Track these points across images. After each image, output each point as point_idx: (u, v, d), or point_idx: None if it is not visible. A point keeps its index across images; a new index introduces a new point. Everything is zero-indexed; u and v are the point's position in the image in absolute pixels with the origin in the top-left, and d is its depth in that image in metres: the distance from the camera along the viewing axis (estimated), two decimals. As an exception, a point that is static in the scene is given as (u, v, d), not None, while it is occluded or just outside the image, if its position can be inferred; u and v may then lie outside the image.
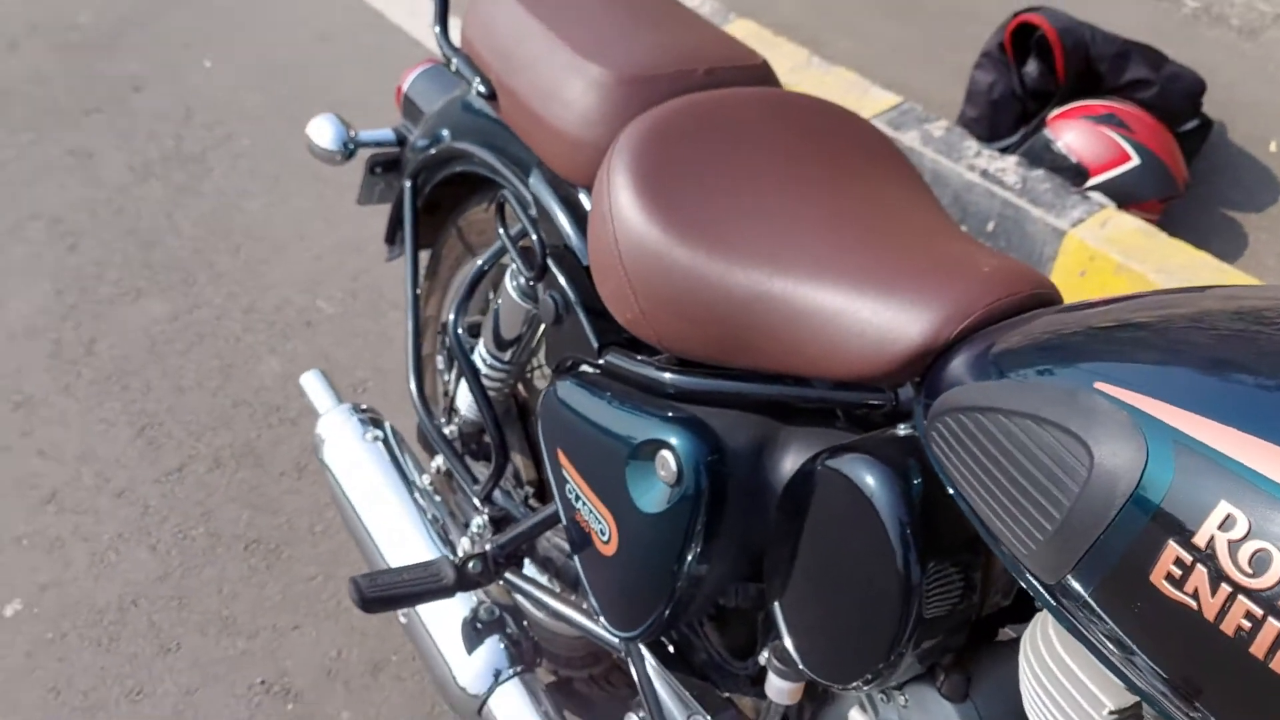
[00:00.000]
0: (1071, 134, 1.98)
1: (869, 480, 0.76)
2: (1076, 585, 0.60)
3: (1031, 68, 2.10)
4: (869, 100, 2.10)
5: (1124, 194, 1.94)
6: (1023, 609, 0.86)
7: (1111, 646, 0.59)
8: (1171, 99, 2.06)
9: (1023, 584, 0.66)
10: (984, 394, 0.68)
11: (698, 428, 0.87)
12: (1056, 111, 2.05)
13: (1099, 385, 0.61)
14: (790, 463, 0.88)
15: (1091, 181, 1.97)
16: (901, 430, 0.83)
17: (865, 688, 0.82)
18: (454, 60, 1.11)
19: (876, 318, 0.78)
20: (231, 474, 1.82)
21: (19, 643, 1.57)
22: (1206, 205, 2.15)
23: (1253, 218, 2.13)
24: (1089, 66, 2.07)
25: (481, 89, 1.07)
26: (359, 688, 1.50)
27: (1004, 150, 2.06)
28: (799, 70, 2.19)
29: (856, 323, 0.78)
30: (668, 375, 0.92)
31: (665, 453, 0.87)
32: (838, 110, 1.00)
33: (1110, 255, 1.78)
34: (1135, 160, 1.95)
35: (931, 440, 0.73)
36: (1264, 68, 2.56)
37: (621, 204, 0.87)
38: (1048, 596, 0.63)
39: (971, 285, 0.77)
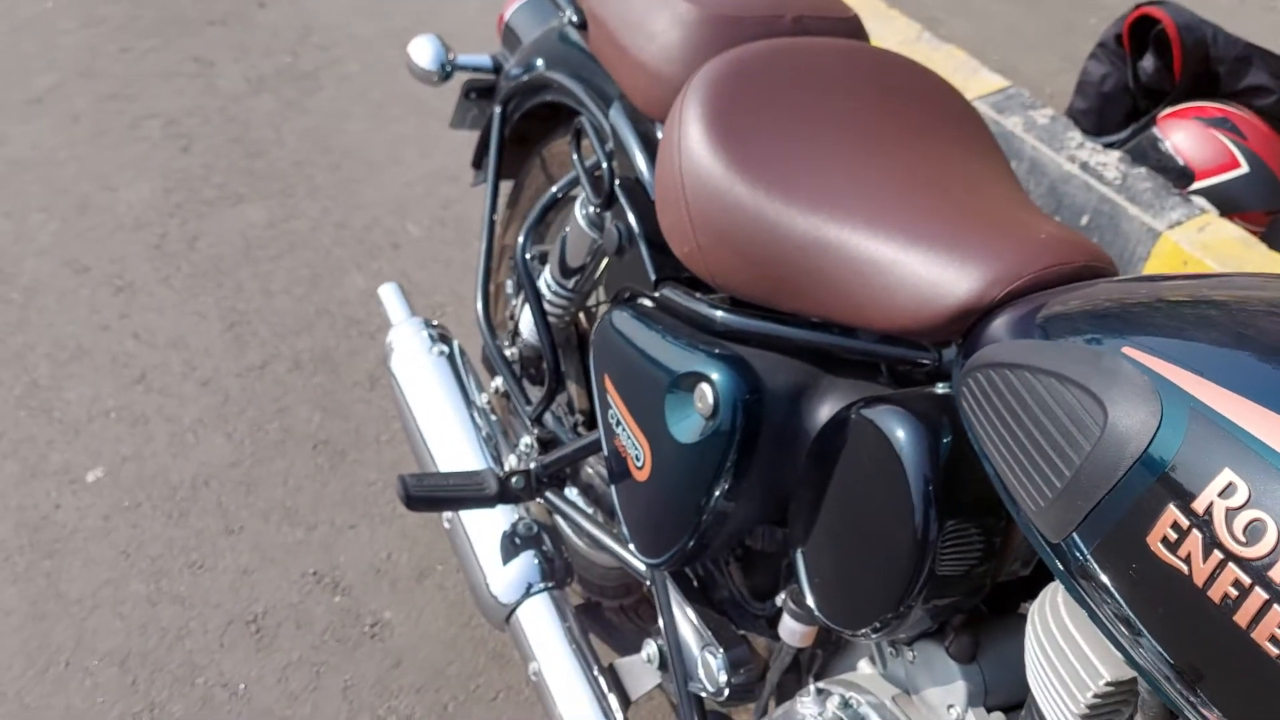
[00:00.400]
0: (1181, 134, 1.92)
1: (899, 432, 0.77)
2: (1079, 544, 0.61)
3: (1147, 63, 2.03)
4: (976, 81, 2.06)
5: (1229, 201, 1.87)
6: (1041, 585, 0.87)
7: (1109, 612, 0.59)
8: (1292, 108, 1.98)
9: (1032, 544, 0.67)
10: (1016, 351, 0.69)
11: (739, 365, 0.89)
12: (1168, 110, 1.99)
13: (1126, 350, 0.62)
14: (827, 411, 0.89)
15: (1196, 185, 1.91)
16: (940, 389, 0.84)
17: (874, 636, 0.84)
18: (552, -12, 1.14)
19: (927, 272, 0.79)
20: (309, 377, 1.91)
21: (98, 506, 1.68)
22: (1317, 223, 2.06)
23: (1365, 241, 2.04)
24: (1207, 68, 1.99)
25: (574, 18, 1.09)
26: (404, 590, 1.57)
27: (1110, 145, 2.01)
28: (908, 45, 2.15)
29: (906, 275, 0.79)
30: (718, 313, 0.94)
31: (704, 386, 0.89)
32: (920, 70, 1.00)
33: (1204, 262, 1.73)
34: (1244, 168, 1.88)
35: (962, 395, 0.74)
36: (1404, 88, 2.43)
37: (690, 137, 0.89)
38: (1052, 555, 0.64)
39: (1024, 249, 0.78)
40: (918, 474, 0.76)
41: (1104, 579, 0.59)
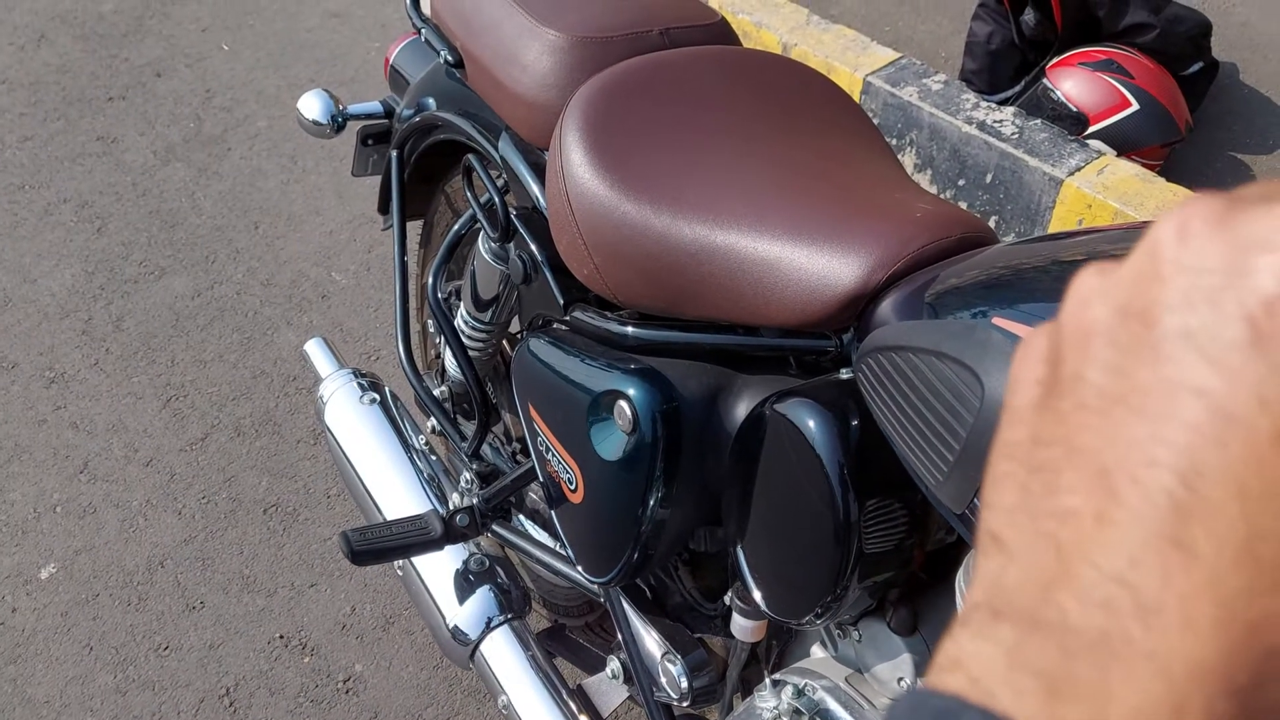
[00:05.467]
0: (1070, 82, 1.97)
1: (809, 422, 0.79)
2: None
3: (1029, 16, 2.08)
4: (868, 57, 2.10)
5: (1125, 140, 1.93)
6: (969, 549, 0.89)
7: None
8: (1173, 42, 2.03)
9: (943, 515, 0.70)
10: (899, 333, 0.71)
11: (652, 378, 0.91)
12: (1055, 60, 2.03)
13: (996, 320, 0.64)
14: (743, 409, 0.91)
15: (1091, 129, 1.96)
16: (844, 374, 0.86)
17: (818, 622, 0.86)
18: (424, 31, 1.15)
19: (811, 265, 0.81)
20: (252, 441, 1.90)
21: (56, 603, 1.66)
22: (1213, 149, 2.12)
23: (1261, 159, 2.10)
24: (1088, 13, 2.04)
25: (449, 58, 1.10)
26: (372, 641, 1.57)
27: (1005, 102, 2.06)
28: (798, 30, 2.19)
29: (792, 271, 0.81)
30: (627, 329, 0.96)
31: (622, 402, 0.91)
32: (790, 64, 1.02)
33: (1108, 203, 1.77)
34: (1135, 106, 1.93)
35: (860, 380, 0.76)
36: (1279, 6, 2.51)
37: (572, 162, 0.91)
38: (961, 526, 0.66)
39: (901, 230, 0.80)
40: (831, 460, 0.78)
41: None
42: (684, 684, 1.00)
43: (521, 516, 1.33)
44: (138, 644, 1.60)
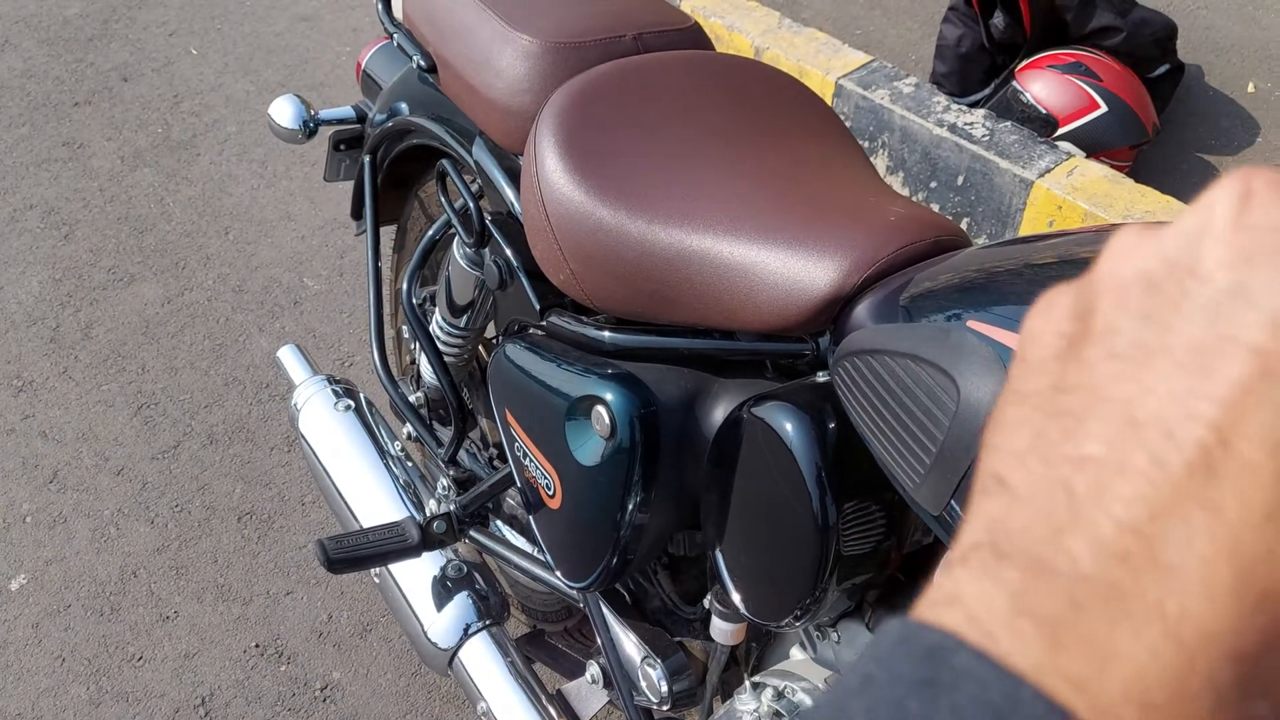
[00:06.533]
0: (1039, 84, 1.99)
1: (786, 426, 0.80)
2: (958, 514, 0.64)
3: (998, 19, 2.10)
4: (839, 60, 2.11)
5: (1093, 142, 1.95)
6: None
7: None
8: (1140, 44, 2.06)
9: (920, 516, 0.70)
10: (875, 337, 0.72)
11: (630, 383, 0.91)
12: (1024, 63, 2.06)
13: (971, 323, 0.65)
14: (720, 413, 0.91)
15: (1060, 131, 1.98)
16: (820, 377, 0.86)
17: (797, 624, 0.86)
18: (396, 35, 1.14)
19: (786, 269, 0.81)
20: (225, 449, 1.88)
21: (26, 615, 1.64)
22: (1180, 150, 2.15)
23: (1227, 160, 2.13)
24: (1055, 16, 2.07)
25: (422, 62, 1.10)
26: (349, 649, 1.56)
27: (975, 104, 2.07)
28: (770, 33, 2.20)
29: (767, 275, 0.82)
30: (604, 334, 0.96)
31: (599, 408, 0.91)
32: (763, 68, 1.03)
33: (1077, 204, 1.79)
34: (1103, 108, 1.95)
35: (837, 384, 0.76)
36: (1242, 9, 2.55)
37: (547, 168, 0.91)
38: (938, 527, 0.67)
39: (876, 234, 0.80)
40: (809, 463, 0.79)
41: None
42: (664, 688, 1.01)
43: (499, 522, 1.33)
44: (111, 655, 1.58)
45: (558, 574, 1.06)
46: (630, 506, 0.92)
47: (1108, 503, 0.21)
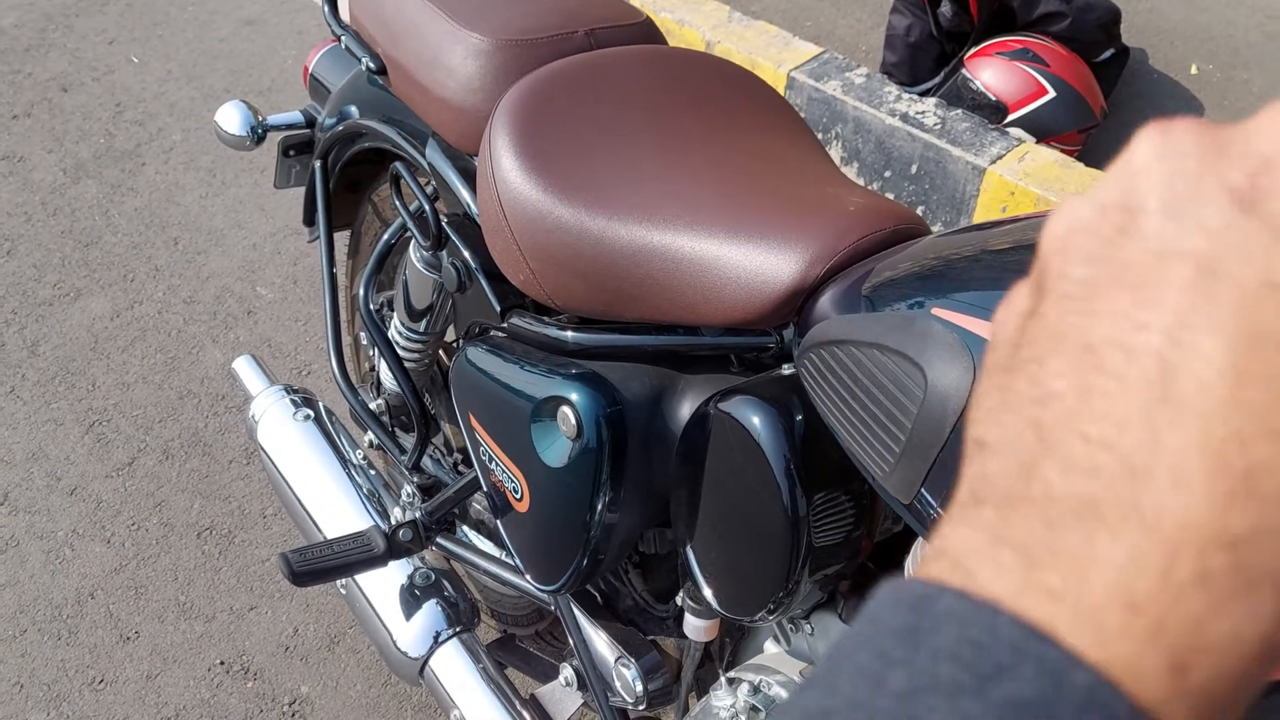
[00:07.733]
0: (988, 72, 2.01)
1: (753, 419, 0.79)
2: (929, 501, 0.64)
3: (945, 8, 2.12)
4: (790, 52, 2.11)
5: (1043, 127, 1.97)
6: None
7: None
8: (1085, 30, 2.09)
9: (890, 505, 0.70)
10: (840, 328, 0.72)
11: (595, 382, 0.90)
12: (973, 51, 2.07)
13: (935, 310, 0.65)
14: (687, 410, 0.91)
15: (1011, 117, 2.00)
16: (786, 370, 0.86)
17: (770, 618, 0.86)
18: (343, 37, 1.12)
19: (748, 263, 0.81)
20: (181, 464, 1.84)
21: (-21, 644, 1.59)
22: (1127, 132, 2.17)
23: (1172, 143, 2.16)
24: (1002, 4, 2.09)
25: (371, 64, 1.08)
26: (317, 662, 1.54)
27: (926, 93, 2.09)
28: (720, 27, 2.20)
29: (729, 269, 0.81)
30: (567, 333, 0.95)
31: (565, 408, 0.90)
32: (717, 61, 1.02)
33: (1029, 189, 1.81)
34: (1051, 93, 1.98)
35: (803, 375, 0.76)
36: (1183, -7, 2.59)
37: (503, 167, 0.90)
38: (909, 515, 0.67)
39: (837, 225, 0.80)
40: (777, 456, 0.78)
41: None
42: (639, 687, 1.00)
43: (466, 528, 1.31)
44: (70, 679, 1.54)
45: (527, 578, 1.05)
46: (599, 507, 0.91)
47: (1076, 425, 0.22)
